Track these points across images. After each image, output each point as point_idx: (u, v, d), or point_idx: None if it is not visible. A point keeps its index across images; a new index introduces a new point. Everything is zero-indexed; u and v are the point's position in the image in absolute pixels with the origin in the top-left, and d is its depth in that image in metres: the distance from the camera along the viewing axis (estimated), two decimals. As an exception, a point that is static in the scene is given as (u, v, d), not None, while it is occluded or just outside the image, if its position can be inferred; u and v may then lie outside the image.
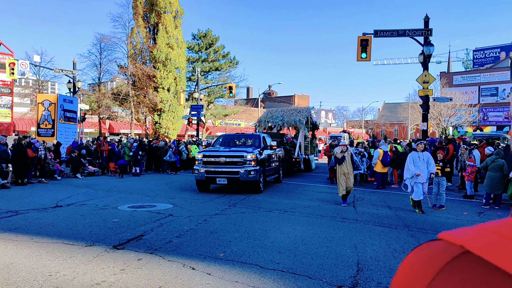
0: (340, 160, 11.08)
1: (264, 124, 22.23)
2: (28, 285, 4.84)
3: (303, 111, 22.60)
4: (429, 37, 18.98)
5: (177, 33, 38.67)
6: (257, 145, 14.38)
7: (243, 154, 12.91)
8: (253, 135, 16.19)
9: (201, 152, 13.76)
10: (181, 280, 5.07)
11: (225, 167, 12.94)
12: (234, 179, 12.86)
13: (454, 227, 8.50)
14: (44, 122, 21.59)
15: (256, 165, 12.97)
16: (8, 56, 32.17)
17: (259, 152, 13.50)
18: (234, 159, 12.94)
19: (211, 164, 13.11)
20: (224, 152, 13.29)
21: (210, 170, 13.00)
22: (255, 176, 12.82)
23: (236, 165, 12.84)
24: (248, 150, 13.22)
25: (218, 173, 12.96)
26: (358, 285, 5.02)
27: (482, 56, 54.71)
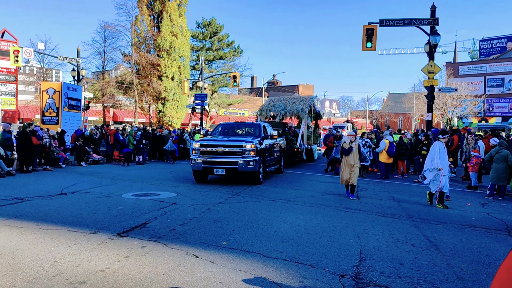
0: (347, 150, 10.62)
1: (265, 113, 21.69)
2: (33, 271, 4.89)
3: (306, 100, 21.96)
4: (436, 26, 18.78)
5: (181, 21, 38.46)
6: (257, 134, 13.97)
7: (242, 144, 12.43)
8: (253, 124, 15.60)
9: (198, 142, 13.24)
10: (184, 268, 5.11)
11: (223, 157, 12.45)
12: (232, 169, 12.38)
13: (458, 218, 8.51)
14: (48, 110, 21.63)
15: (256, 155, 12.48)
16: (13, 43, 32.19)
17: (259, 142, 13.03)
18: (232, 149, 12.46)
19: (209, 154, 12.60)
20: (222, 142, 12.82)
21: (207, 160, 12.52)
22: (255, 166, 12.35)
23: (235, 155, 12.36)
24: (247, 139, 12.74)
25: (216, 163, 12.49)
26: (361, 274, 5.04)
27: (488, 46, 54.13)
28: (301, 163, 20.92)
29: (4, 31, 34.06)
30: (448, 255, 5.90)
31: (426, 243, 6.51)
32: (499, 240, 6.91)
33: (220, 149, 12.53)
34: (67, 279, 4.66)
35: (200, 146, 12.76)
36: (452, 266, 5.45)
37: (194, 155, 12.78)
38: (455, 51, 63.94)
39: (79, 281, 4.61)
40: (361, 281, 4.83)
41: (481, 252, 6.12)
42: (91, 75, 44.33)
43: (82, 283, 4.57)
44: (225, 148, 12.50)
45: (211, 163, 12.51)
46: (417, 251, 6.05)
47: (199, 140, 13.46)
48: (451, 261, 5.66)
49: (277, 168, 15.80)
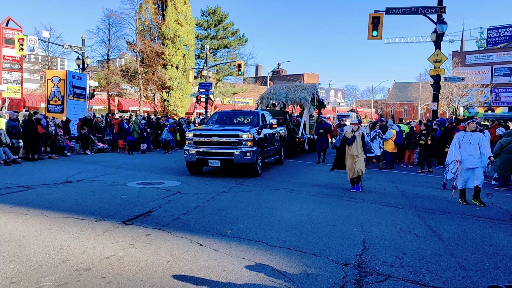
0: (350, 140, 10.02)
1: (266, 101, 20.87)
2: (40, 258, 4.95)
3: (308, 87, 21.09)
4: (443, 15, 18.58)
5: (186, 9, 38.23)
6: (255, 123, 13.17)
7: (238, 134, 11.73)
8: (251, 112, 14.91)
9: (192, 131, 12.44)
10: (189, 256, 5.15)
11: (218, 147, 11.75)
12: (228, 161, 11.69)
13: (462, 207, 8.50)
14: (53, 99, 21.68)
15: (253, 145, 11.78)
16: (17, 31, 32.16)
17: (257, 131, 12.35)
18: (228, 139, 11.77)
19: (203, 144, 11.87)
20: (217, 131, 12.09)
21: (201, 151, 11.79)
22: (252, 158, 11.64)
23: (230, 146, 11.67)
24: (244, 129, 12.05)
25: (210, 154, 11.77)
26: (364, 263, 5.07)
27: (496, 35, 53.45)
28: (303, 153, 20.28)
29: (9, 19, 34.01)
30: (451, 245, 5.91)
31: (430, 233, 6.52)
32: (503, 230, 6.91)
33: (214, 139, 11.83)
34: (72, 266, 4.72)
35: (194, 136, 12.06)
36: (455, 255, 5.46)
37: (188, 146, 12.07)
38: (462, 40, 63.26)
39: (85, 268, 4.67)
40: (364, 270, 4.85)
41: (484, 242, 6.13)
42: (96, 64, 44.31)
43: (87, 270, 4.63)
44: (220, 138, 11.83)
45: (205, 154, 11.81)
46: (420, 241, 6.06)
47: (192, 130, 12.77)
48: (454, 250, 5.67)
49: (277, 159, 15.24)
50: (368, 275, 4.69)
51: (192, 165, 12.29)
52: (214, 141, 11.82)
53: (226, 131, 12.08)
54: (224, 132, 12.03)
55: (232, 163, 11.74)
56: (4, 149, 13.81)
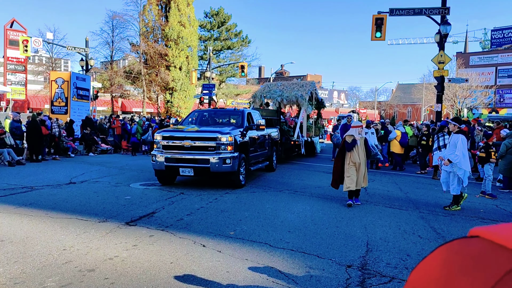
0: (350, 145, 8.39)
1: (260, 100, 18.75)
2: (43, 259, 4.97)
3: (306, 85, 19.06)
4: (446, 16, 18.51)
5: (189, 11, 38.31)
6: (239, 124, 11.36)
7: (216, 136, 9.85)
8: (234, 111, 12.86)
9: (160, 133, 10.43)
10: (192, 257, 5.15)
11: (191, 153, 9.88)
12: (202, 169, 9.79)
13: (466, 209, 8.46)
14: (57, 100, 21.78)
15: (234, 150, 9.96)
16: (22, 33, 32.29)
17: (241, 133, 10.60)
18: (203, 142, 9.90)
19: (173, 149, 10.04)
20: (191, 133, 10.20)
21: (170, 157, 9.93)
22: (232, 165, 9.77)
23: (206, 151, 9.82)
24: (224, 130, 10.20)
25: (182, 161, 9.87)
26: (367, 265, 5.05)
27: (500, 36, 53.22)
28: (300, 157, 18.49)
29: (13, 21, 34.16)
30: (456, 247, 5.88)
31: (434, 235, 6.49)
32: (508, 232, 6.86)
33: (187, 142, 9.92)
34: (76, 267, 4.73)
35: (162, 138, 10.19)
36: (459, 257, 5.42)
37: (156, 151, 10.28)
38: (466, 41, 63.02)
39: (88, 269, 4.68)
40: (367, 271, 4.84)
41: (489, 244, 6.09)
42: (100, 65, 44.47)
43: (91, 270, 4.64)
44: (194, 141, 9.92)
45: (175, 160, 9.92)
46: (424, 243, 6.04)
47: (161, 131, 10.74)
48: (459, 252, 5.63)
49: (268, 165, 13.51)
50: (371, 277, 4.67)
51: (162, 174, 10.44)
52: (186, 145, 9.94)
53: (201, 133, 10.23)
54: (198, 134, 10.15)
55: (208, 172, 9.83)
56: (8, 150, 13.87)
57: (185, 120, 12.44)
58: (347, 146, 8.48)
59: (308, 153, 18.78)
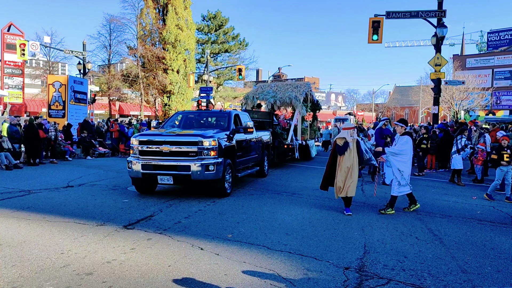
0: (342, 148, 7.87)
1: (252, 102, 17.81)
2: (41, 262, 4.96)
3: (300, 86, 18.14)
4: (443, 18, 18.62)
5: (186, 14, 38.37)
6: (224, 127, 10.42)
7: (198, 140, 8.89)
8: (220, 113, 11.80)
9: (137, 137, 9.49)
10: (190, 260, 5.16)
11: (170, 159, 8.96)
12: (183, 177, 8.88)
13: (463, 211, 8.50)
14: (55, 103, 21.77)
15: (219, 155, 9.09)
16: (19, 37, 32.31)
17: (227, 137, 9.76)
18: (184, 147, 8.95)
19: (151, 154, 9.13)
20: (170, 137, 9.17)
21: (147, 164, 9.03)
22: (216, 172, 8.91)
23: (187, 157, 8.88)
24: (207, 133, 9.24)
25: (160, 168, 8.98)
26: (365, 267, 5.07)
27: (496, 38, 53.49)
28: (293, 162, 17.77)
29: (10, 24, 34.17)
30: (453, 248, 5.91)
31: (431, 236, 6.52)
32: (504, 233, 6.90)
33: (165, 147, 9.00)
34: (74, 271, 4.73)
35: (139, 143, 9.24)
36: (457, 259, 5.46)
37: (132, 156, 9.41)
38: (463, 43, 63.32)
39: (86, 273, 4.68)
40: (365, 273, 4.85)
41: (486, 246, 6.12)
42: (97, 69, 44.49)
43: (89, 274, 4.64)
44: (173, 146, 8.99)
45: (153, 167, 9.02)
46: (421, 244, 6.06)
47: (138, 135, 9.74)
48: (456, 254, 5.66)
49: (258, 170, 12.72)
50: (369, 279, 4.69)
51: (139, 182, 9.53)
52: (165, 150, 9.00)
53: (181, 136, 9.21)
54: (178, 138, 9.15)
55: (189, 179, 8.91)
56: (5, 154, 13.85)
57: (167, 123, 11.38)
58: (339, 149, 7.94)
59: (303, 157, 18.08)
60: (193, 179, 8.87)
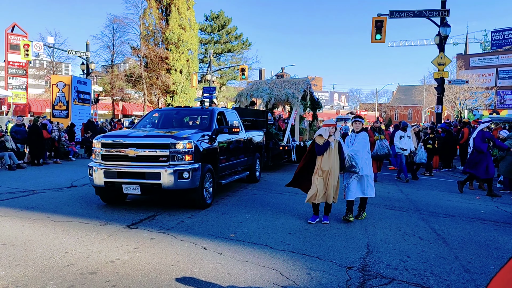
0: (321, 148, 6.93)
1: (246, 99, 16.49)
2: (45, 262, 4.99)
3: (299, 83, 16.63)
4: (446, 18, 18.58)
5: (189, 14, 38.48)
6: (205, 126, 9.15)
7: (169, 142, 7.56)
8: (201, 110, 10.11)
9: (100, 139, 8.10)
10: (193, 259, 5.17)
11: (137, 165, 7.63)
12: (152, 186, 7.55)
13: (467, 211, 8.47)
14: (58, 104, 21.86)
15: (195, 160, 7.77)
16: (23, 37, 32.46)
17: (209, 138, 8.51)
18: (152, 150, 7.60)
19: (115, 159, 7.80)
20: (137, 139, 7.79)
21: (111, 171, 7.72)
22: (192, 180, 7.61)
23: (157, 162, 7.58)
24: (181, 134, 7.89)
25: (125, 176, 7.64)
26: (368, 266, 5.07)
27: (500, 37, 53.26)
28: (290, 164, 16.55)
29: (14, 25, 34.33)
30: (456, 248, 5.90)
31: (434, 236, 6.51)
32: (508, 233, 6.88)
33: (132, 151, 7.65)
34: (78, 270, 4.75)
35: (102, 146, 7.92)
36: (460, 259, 5.45)
37: (94, 162, 8.16)
38: (466, 42, 63.08)
39: (90, 272, 4.70)
40: (368, 273, 4.85)
41: (489, 246, 6.11)
42: (100, 69, 44.64)
43: (92, 273, 4.66)
44: (140, 149, 7.64)
45: (117, 175, 7.69)
46: (424, 244, 6.05)
47: (101, 136, 8.29)
48: (459, 254, 5.65)
49: (249, 175, 11.47)
50: (372, 278, 4.69)
51: (103, 192, 8.28)
52: (131, 154, 7.67)
53: (150, 138, 7.84)
54: (146, 140, 7.77)
55: (159, 189, 7.59)
56: (9, 154, 13.92)
57: (140, 122, 10.06)
58: (318, 149, 6.97)
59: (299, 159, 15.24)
60: (164, 189, 7.55)
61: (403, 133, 12.94)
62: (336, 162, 6.94)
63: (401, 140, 12.84)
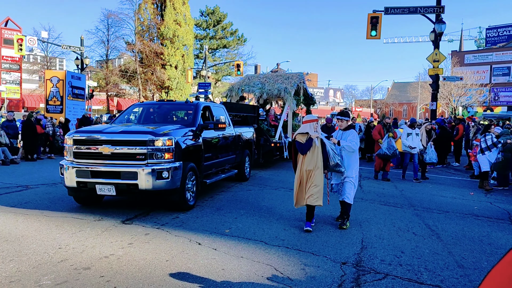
0: (305, 146, 6.29)
1: (237, 94, 15.86)
2: (39, 257, 4.97)
3: (292, 77, 16.07)
4: (441, 14, 18.62)
5: (184, 10, 38.30)
6: (189, 122, 8.53)
7: (147, 139, 6.96)
8: (185, 105, 9.54)
9: (72, 134, 7.43)
10: (187, 255, 5.17)
11: (112, 164, 7.03)
12: (128, 186, 6.96)
13: (460, 207, 8.52)
14: (52, 99, 21.70)
15: (176, 158, 7.20)
16: (16, 32, 32.17)
17: (194, 134, 7.93)
18: (129, 148, 7.00)
19: (88, 157, 7.17)
20: (112, 135, 7.16)
21: (84, 170, 7.08)
22: (172, 180, 7.04)
23: (134, 160, 6.99)
24: (160, 130, 7.27)
25: (99, 176, 7.02)
26: (362, 262, 5.09)
27: (495, 34, 53.50)
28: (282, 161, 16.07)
29: (8, 19, 34.02)
30: (450, 244, 5.94)
31: (428, 232, 6.54)
32: (501, 229, 6.93)
33: (106, 148, 7.04)
34: (72, 265, 4.73)
35: (74, 142, 7.27)
36: (453, 254, 5.48)
37: (66, 160, 7.47)
38: (461, 39, 63.30)
39: (84, 267, 4.68)
40: (362, 268, 4.87)
41: (482, 241, 6.15)
42: (95, 64, 44.38)
43: (86, 269, 4.64)
44: (115, 146, 7.03)
45: (90, 174, 7.06)
46: (418, 240, 6.08)
47: (73, 132, 7.58)
48: (452, 249, 5.69)
49: (238, 173, 10.95)
50: (366, 274, 4.71)
51: (75, 192, 7.58)
52: (105, 152, 7.06)
53: (125, 134, 7.18)
54: (122, 136, 7.13)
55: (136, 189, 6.97)
56: (3, 149, 13.82)
57: (119, 117, 9.32)
58: (301, 147, 6.34)
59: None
60: (140, 189, 6.94)
61: (411, 130, 12.08)
62: (320, 160, 6.34)
63: (408, 137, 11.95)
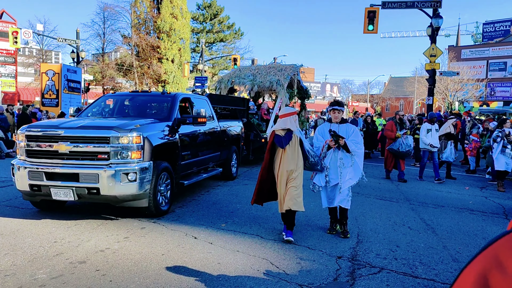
0: (285, 139, 5.49)
1: (226, 86, 15.00)
2: (34, 251, 4.96)
3: (286, 69, 14.99)
4: (438, 9, 18.58)
5: (181, 3, 38.06)
6: (164, 115, 7.50)
7: (110, 135, 5.94)
8: (161, 96, 8.40)
9: (24, 130, 6.38)
10: (183, 249, 5.17)
11: (69, 164, 6.03)
12: (89, 191, 5.94)
13: (456, 201, 8.57)
14: (48, 92, 21.59)
15: (146, 158, 6.21)
16: (11, 24, 31.90)
17: (169, 129, 7.04)
18: (89, 145, 6.01)
19: (42, 155, 6.20)
20: (70, 130, 6.10)
21: (38, 171, 6.08)
22: (140, 183, 6.06)
23: (95, 160, 6.02)
24: (127, 125, 6.21)
25: (55, 178, 6.02)
26: (357, 256, 5.11)
27: (492, 29, 53.57)
28: None
29: (3, 12, 33.72)
30: (445, 238, 5.97)
31: (423, 226, 6.57)
32: (496, 223, 6.97)
33: (63, 145, 6.05)
34: (67, 259, 4.73)
35: (27, 139, 6.30)
36: (448, 248, 5.51)
37: (18, 159, 6.48)
38: (458, 34, 63.30)
39: (79, 261, 4.68)
40: (357, 262, 4.89)
41: (477, 235, 6.19)
42: (91, 57, 44.12)
43: (82, 262, 4.64)
44: (73, 143, 6.04)
45: (45, 176, 6.06)
46: (413, 234, 6.11)
47: (26, 127, 6.50)
48: (447, 243, 5.72)
49: (223, 171, 10.11)
50: (361, 268, 4.73)
51: (30, 196, 6.51)
52: (62, 150, 6.06)
53: (86, 130, 6.12)
54: (82, 132, 6.08)
55: (97, 194, 5.98)
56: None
57: (87, 109, 8.40)
58: (279, 141, 5.51)
59: None
60: (102, 195, 5.95)
61: (431, 126, 11.01)
62: (300, 159, 5.62)
63: (427, 134, 10.96)
